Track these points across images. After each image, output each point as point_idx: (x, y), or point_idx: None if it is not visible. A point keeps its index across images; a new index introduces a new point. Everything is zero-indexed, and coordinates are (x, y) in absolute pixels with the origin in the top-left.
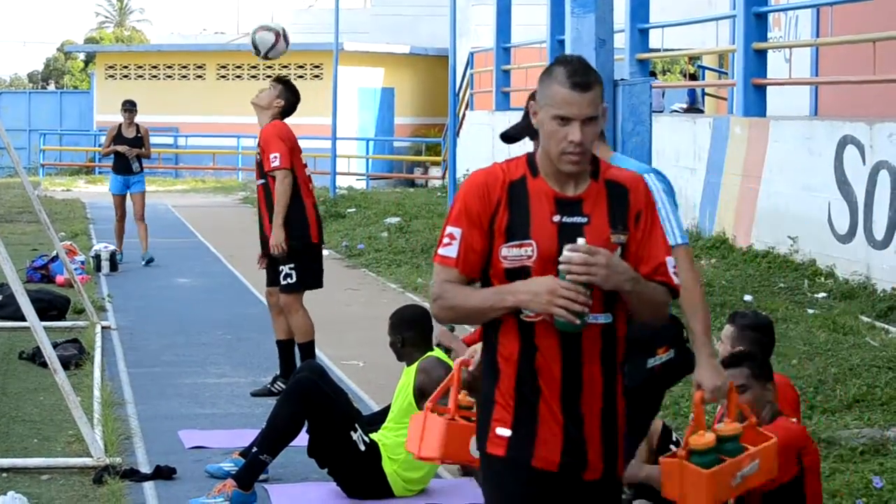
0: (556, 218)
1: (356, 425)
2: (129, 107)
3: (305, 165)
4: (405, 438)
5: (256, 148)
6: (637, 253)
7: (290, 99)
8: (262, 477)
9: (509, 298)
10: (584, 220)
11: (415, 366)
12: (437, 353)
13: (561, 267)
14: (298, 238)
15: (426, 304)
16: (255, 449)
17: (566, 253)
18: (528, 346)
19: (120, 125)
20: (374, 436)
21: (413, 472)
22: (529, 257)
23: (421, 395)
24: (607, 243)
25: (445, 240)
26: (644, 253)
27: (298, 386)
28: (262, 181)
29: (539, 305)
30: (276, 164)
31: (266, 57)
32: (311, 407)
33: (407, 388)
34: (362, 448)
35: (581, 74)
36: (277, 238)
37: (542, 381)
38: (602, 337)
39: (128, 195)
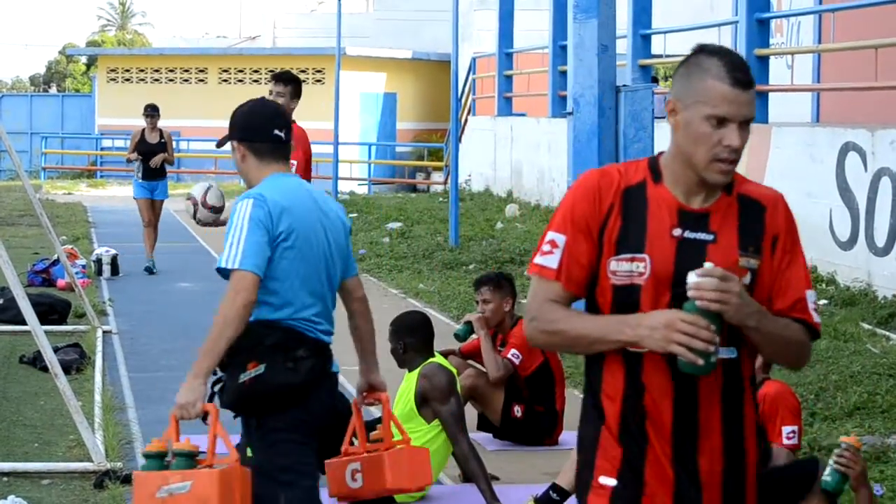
0: (677, 232)
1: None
2: (151, 112)
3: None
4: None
5: None
6: (772, 284)
7: (299, 95)
8: None
9: (627, 332)
10: (710, 237)
11: (416, 372)
12: (439, 358)
13: (690, 293)
14: None
15: (428, 310)
16: None
17: (695, 279)
18: (634, 383)
19: (143, 130)
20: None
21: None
22: (641, 274)
23: (423, 401)
24: (734, 267)
25: (545, 247)
26: (781, 284)
27: None
28: None
29: (655, 342)
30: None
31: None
32: None
33: (408, 394)
34: None
35: (742, 70)
36: None
37: (650, 426)
38: (724, 375)
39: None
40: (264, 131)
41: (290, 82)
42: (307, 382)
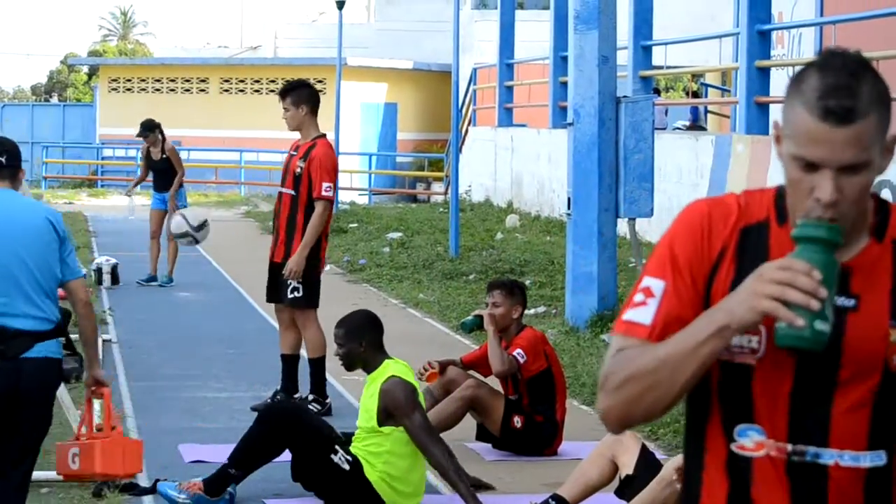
0: None
1: (335, 447)
2: (143, 132)
3: None
4: (381, 448)
5: (299, 157)
6: None
7: (310, 97)
8: (228, 494)
9: (718, 316)
10: (850, 302)
11: (377, 382)
12: (395, 361)
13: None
14: (310, 261)
15: (428, 320)
16: (227, 460)
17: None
18: (740, 494)
19: (148, 147)
20: (352, 449)
21: (397, 476)
22: (754, 351)
23: (387, 416)
24: (884, 341)
25: (637, 296)
26: None
27: (272, 409)
28: (293, 192)
29: (745, 309)
30: (329, 194)
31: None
32: (283, 430)
33: (371, 411)
34: (346, 468)
35: (842, 93)
36: (298, 264)
37: None
38: (866, 488)
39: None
40: None
41: (287, 93)
42: None
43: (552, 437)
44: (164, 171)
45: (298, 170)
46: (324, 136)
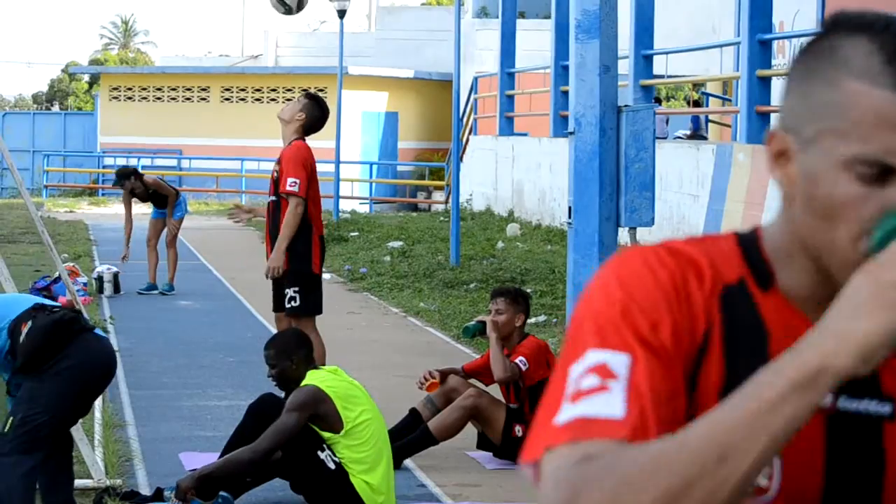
0: (827, 400)
1: (323, 445)
2: (119, 181)
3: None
4: (359, 454)
5: (275, 164)
6: None
7: (313, 114)
8: (220, 497)
9: (804, 357)
10: (885, 408)
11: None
12: (317, 370)
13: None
14: (301, 265)
15: (428, 329)
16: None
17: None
18: None
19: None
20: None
21: (371, 477)
22: (762, 490)
23: (321, 419)
24: None
25: (585, 382)
26: None
27: (259, 403)
28: (274, 199)
29: (872, 330)
30: (294, 189)
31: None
32: (272, 422)
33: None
34: (332, 467)
35: None
36: (275, 261)
37: None
38: None
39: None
40: None
41: (306, 97)
42: None
43: None
44: (159, 197)
45: (275, 174)
46: (301, 138)
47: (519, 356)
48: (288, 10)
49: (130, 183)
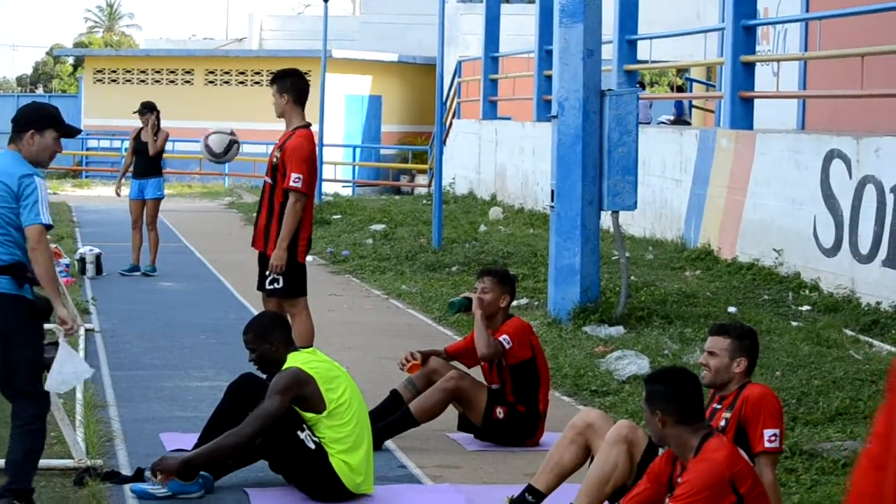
0: None
1: (303, 425)
2: (141, 109)
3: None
4: (340, 434)
5: (277, 147)
6: None
7: (292, 86)
8: (201, 478)
9: None
10: None
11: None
12: (297, 353)
13: None
14: (287, 252)
15: (410, 311)
16: (197, 442)
17: None
18: None
19: (140, 130)
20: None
21: (350, 457)
22: None
23: (304, 400)
24: None
25: None
26: None
27: (238, 382)
28: (271, 181)
29: None
30: (298, 185)
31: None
32: (253, 402)
33: None
34: (311, 447)
35: None
36: (279, 258)
37: None
38: None
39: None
40: None
41: (274, 81)
42: None
43: (534, 427)
44: (147, 157)
45: (275, 160)
46: (306, 126)
47: (503, 334)
48: (217, 158)
49: (151, 117)
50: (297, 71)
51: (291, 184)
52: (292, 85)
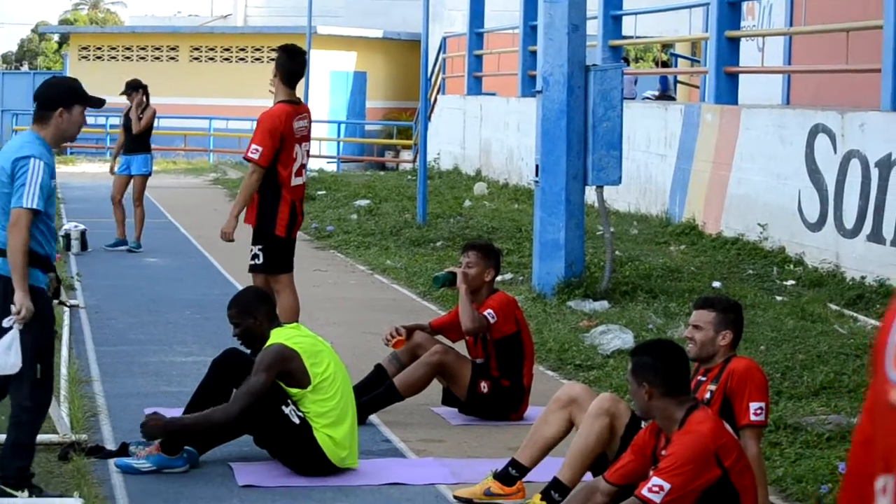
0: None
1: (288, 400)
2: (126, 90)
3: (305, 155)
4: (324, 408)
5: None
6: None
7: (283, 67)
8: (185, 452)
9: None
10: None
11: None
12: (281, 329)
13: None
14: (265, 226)
15: (395, 287)
16: (184, 410)
17: None
18: None
19: (129, 109)
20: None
21: (335, 431)
22: None
23: (289, 375)
24: None
25: None
26: None
27: (223, 357)
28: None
29: None
30: (255, 157)
31: None
32: (238, 376)
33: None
34: (296, 421)
35: None
36: (228, 225)
37: None
38: None
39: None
40: None
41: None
42: None
43: (518, 402)
44: (136, 135)
45: None
46: (288, 102)
47: (487, 309)
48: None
49: (139, 95)
50: (290, 49)
51: (249, 154)
52: (280, 64)
